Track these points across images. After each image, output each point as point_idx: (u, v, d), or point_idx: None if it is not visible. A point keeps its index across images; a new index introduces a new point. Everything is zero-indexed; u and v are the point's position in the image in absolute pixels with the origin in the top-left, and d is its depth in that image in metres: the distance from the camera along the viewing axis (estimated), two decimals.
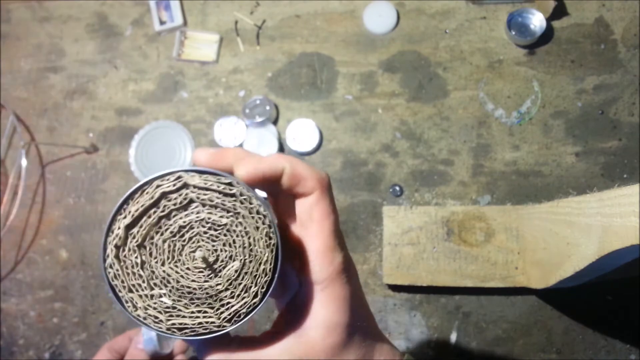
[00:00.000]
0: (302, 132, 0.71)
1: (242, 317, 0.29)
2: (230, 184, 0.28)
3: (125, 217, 0.27)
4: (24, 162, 0.74)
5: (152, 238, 0.28)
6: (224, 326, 0.28)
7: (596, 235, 0.43)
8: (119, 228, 0.27)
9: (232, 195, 0.28)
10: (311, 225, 0.31)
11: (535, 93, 0.71)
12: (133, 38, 0.78)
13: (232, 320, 0.29)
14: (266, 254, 0.28)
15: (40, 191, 0.75)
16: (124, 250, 0.28)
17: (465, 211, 0.64)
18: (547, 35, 0.71)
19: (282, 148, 0.72)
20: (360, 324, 0.32)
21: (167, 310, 0.28)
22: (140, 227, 0.27)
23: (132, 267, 0.28)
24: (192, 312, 0.28)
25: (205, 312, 0.28)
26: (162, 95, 0.76)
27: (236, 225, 0.28)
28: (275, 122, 0.73)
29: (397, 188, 0.69)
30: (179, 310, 0.28)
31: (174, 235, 0.28)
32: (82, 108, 0.77)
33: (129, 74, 0.77)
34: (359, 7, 0.75)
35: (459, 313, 0.66)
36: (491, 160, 0.69)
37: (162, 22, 0.77)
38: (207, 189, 0.28)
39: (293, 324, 0.31)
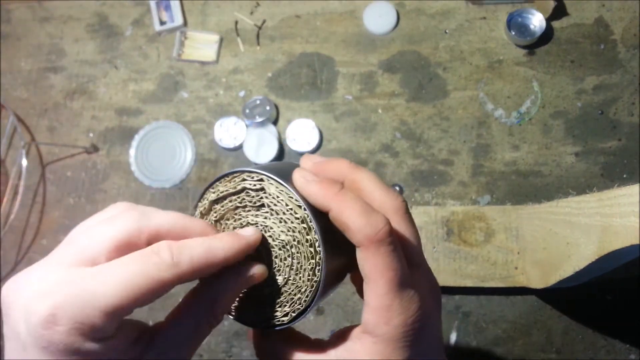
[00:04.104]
0: (302, 132, 0.72)
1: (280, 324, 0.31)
2: (299, 205, 0.29)
3: (214, 193, 0.31)
4: (24, 162, 0.74)
5: (227, 220, 0.31)
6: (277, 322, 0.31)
7: (596, 235, 0.43)
8: (207, 200, 0.32)
9: (298, 218, 0.29)
10: (366, 278, 0.28)
11: (535, 93, 0.71)
12: (133, 38, 0.78)
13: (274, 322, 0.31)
14: (305, 287, 0.30)
15: (40, 191, 0.75)
16: (206, 219, 0.32)
17: (465, 211, 0.65)
18: (547, 35, 0.71)
19: (282, 148, 0.72)
20: None
21: None
22: (222, 206, 0.31)
23: None
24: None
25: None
26: (162, 95, 0.76)
27: (291, 246, 0.30)
28: (275, 122, 0.74)
29: (397, 188, 0.69)
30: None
31: (242, 227, 0.31)
32: (82, 108, 0.77)
33: (129, 74, 0.77)
34: (359, 7, 0.75)
35: (458, 313, 0.66)
36: (491, 160, 0.69)
37: (162, 22, 0.77)
38: (278, 201, 0.30)
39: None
